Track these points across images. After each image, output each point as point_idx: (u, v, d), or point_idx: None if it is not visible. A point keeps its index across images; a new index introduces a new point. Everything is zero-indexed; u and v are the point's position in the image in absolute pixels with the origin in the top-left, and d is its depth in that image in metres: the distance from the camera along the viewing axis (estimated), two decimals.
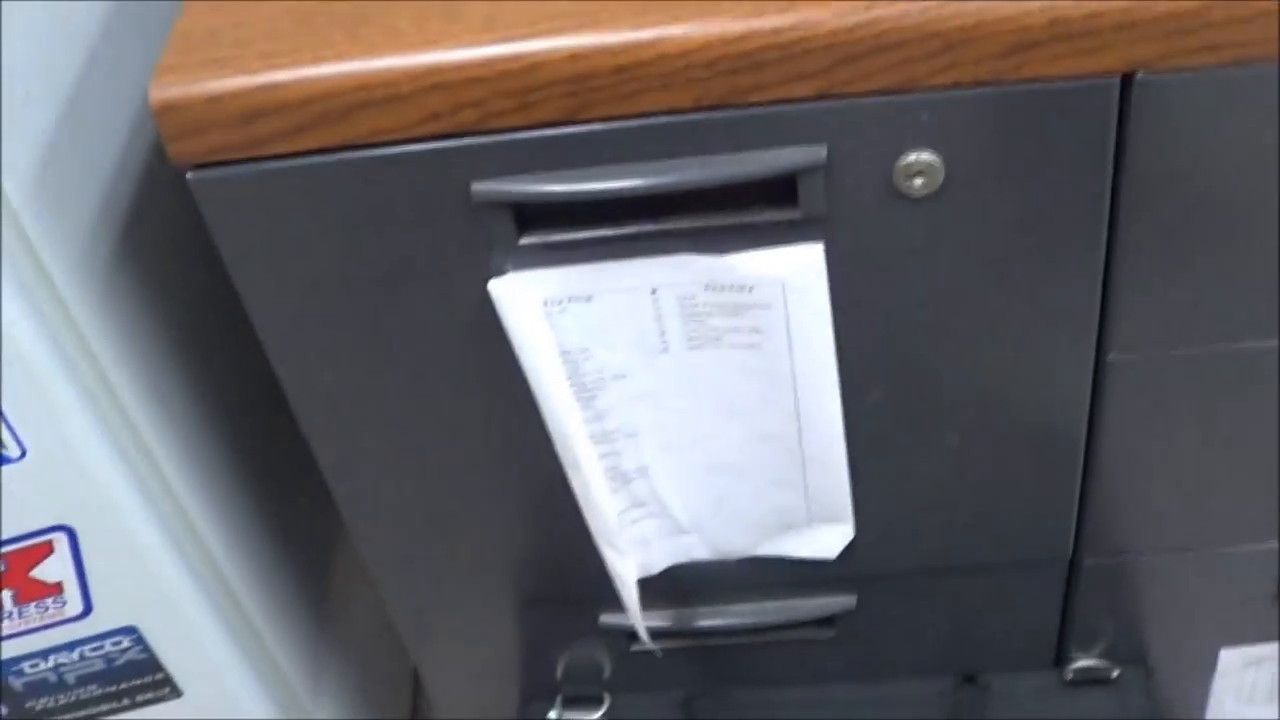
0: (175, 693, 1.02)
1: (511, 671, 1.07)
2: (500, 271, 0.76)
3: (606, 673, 1.06)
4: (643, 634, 0.92)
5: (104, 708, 1.02)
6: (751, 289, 0.77)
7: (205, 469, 0.98)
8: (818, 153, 0.70)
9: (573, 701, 1.06)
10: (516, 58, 0.67)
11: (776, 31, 0.66)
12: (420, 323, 0.79)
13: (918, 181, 0.71)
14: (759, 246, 0.75)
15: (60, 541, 0.91)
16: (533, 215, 0.74)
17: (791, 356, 0.80)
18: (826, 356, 0.79)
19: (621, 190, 0.72)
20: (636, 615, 0.91)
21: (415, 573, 0.98)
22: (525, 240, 0.74)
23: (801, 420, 0.84)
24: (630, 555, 0.89)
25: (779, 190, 0.72)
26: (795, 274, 0.75)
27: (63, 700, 1.02)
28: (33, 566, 0.93)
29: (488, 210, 0.73)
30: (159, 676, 1.01)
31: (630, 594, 0.89)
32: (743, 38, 0.66)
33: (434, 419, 0.85)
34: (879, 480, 0.90)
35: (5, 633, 0.96)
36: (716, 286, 0.77)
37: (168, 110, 0.68)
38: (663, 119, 0.70)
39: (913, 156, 0.70)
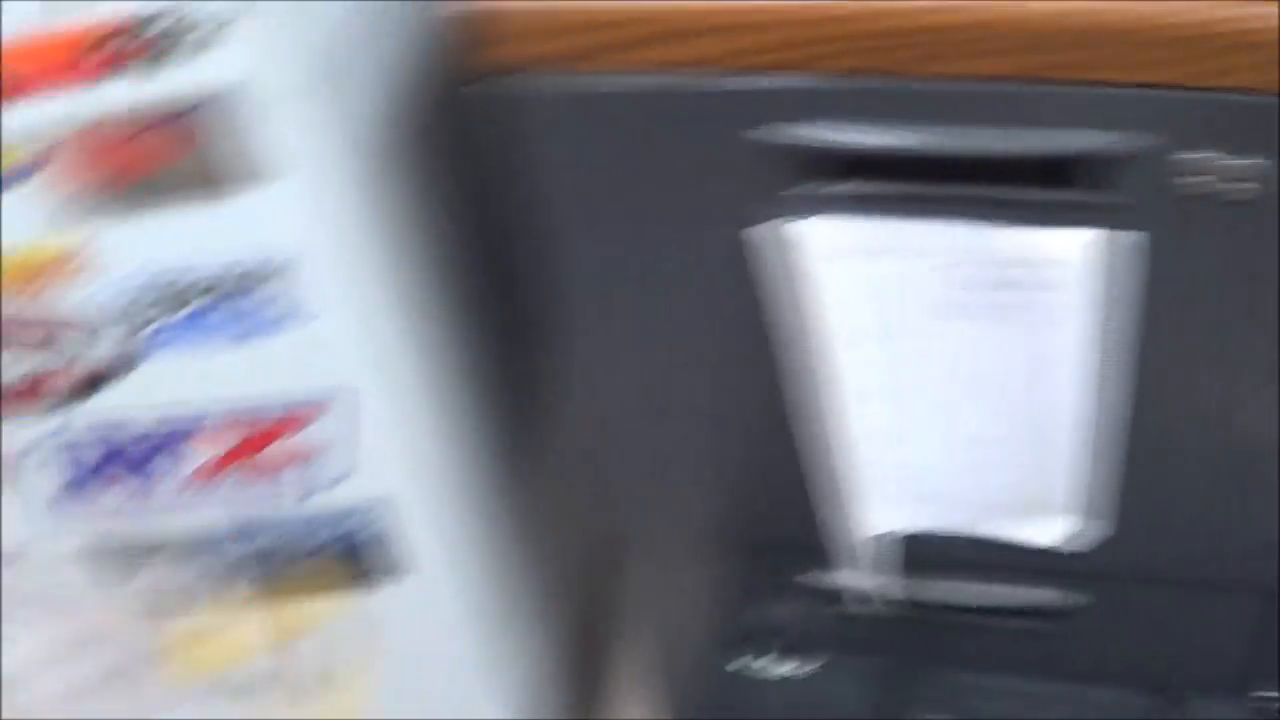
0: (409, 571, 1.04)
1: (716, 617, 1.07)
2: (795, 217, 0.76)
3: (810, 630, 1.06)
4: (868, 594, 0.92)
5: (340, 575, 1.05)
6: (1037, 267, 0.77)
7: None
8: (1140, 140, 0.69)
9: (774, 654, 1.06)
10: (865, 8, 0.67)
11: (1140, 16, 0.65)
12: (700, 255, 0.80)
13: (1242, 186, 0.69)
14: (1053, 226, 0.74)
15: (335, 405, 0.93)
16: (835, 165, 0.74)
17: (1060, 341, 0.79)
18: (1094, 346, 0.78)
19: (933, 151, 0.72)
20: (866, 574, 0.91)
21: (634, 507, 0.99)
22: (826, 189, 0.74)
23: (1056, 406, 0.83)
24: (876, 513, 0.88)
25: (1083, 172, 0.71)
26: (1085, 259, 0.74)
27: (303, 565, 1.04)
28: (304, 427, 0.95)
29: (794, 154, 0.73)
30: (398, 553, 1.03)
31: (867, 552, 0.89)
32: (1095, 14, 0.65)
33: (692, 353, 0.85)
34: (1126, 480, 0.88)
35: (263, 492, 0.99)
36: (1003, 260, 0.77)
37: (487, 14, 0.69)
38: (982, 85, 0.69)
39: (1244, 160, 0.69)
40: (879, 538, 0.94)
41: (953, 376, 0.84)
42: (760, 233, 0.76)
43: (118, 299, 0.89)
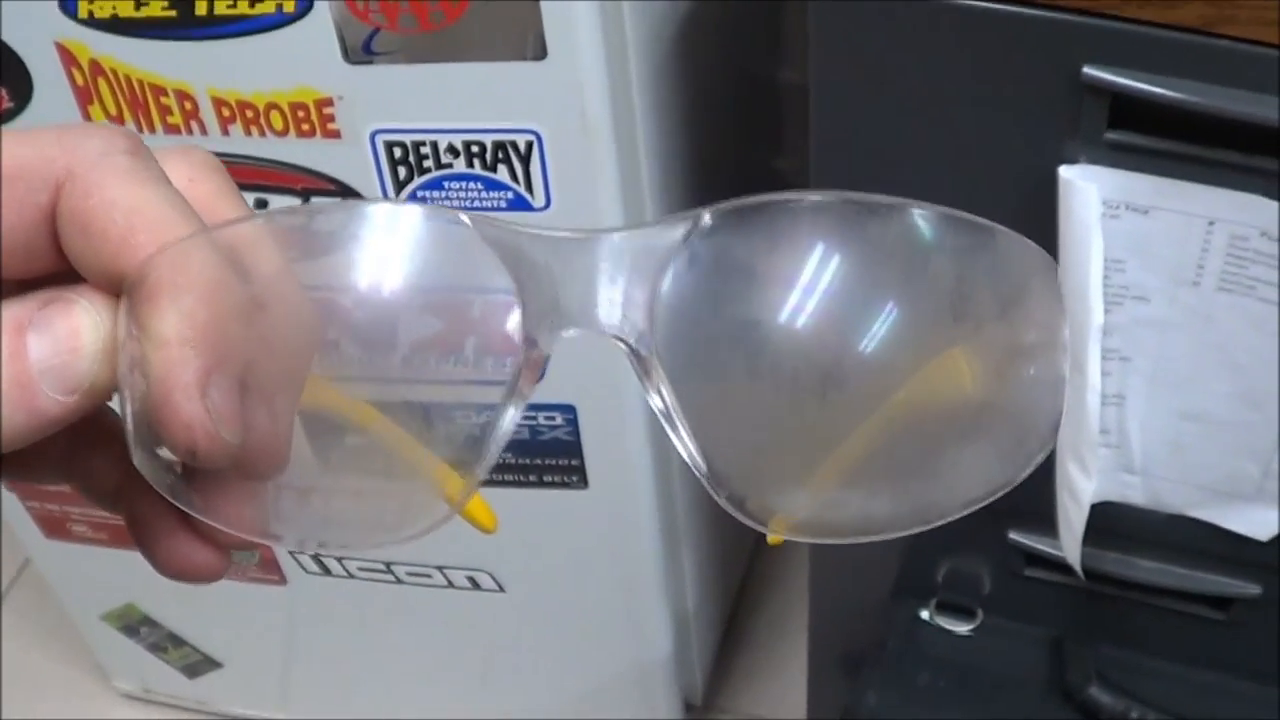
0: (583, 482, 1.05)
1: (893, 566, 1.08)
2: (1073, 160, 0.76)
3: (986, 589, 1.06)
4: (1075, 562, 0.92)
5: (510, 477, 1.06)
6: None
7: None
8: None
9: (946, 608, 1.06)
10: None
11: None
12: (974, 186, 0.80)
13: None
14: None
15: None
16: (1127, 114, 0.74)
17: None
18: None
19: (1231, 112, 0.71)
20: (1074, 539, 0.90)
21: None
22: (1111, 135, 0.74)
23: None
24: (1095, 476, 0.88)
25: None
26: None
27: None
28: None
29: (1088, 95, 0.73)
30: (574, 462, 1.04)
31: (1080, 516, 0.88)
32: None
33: None
34: None
35: (454, 378, 1.01)
36: (1273, 236, 0.76)
37: None
38: None
39: None
40: (1085, 505, 0.94)
41: (1193, 349, 0.84)
42: (1059, 174, 0.76)
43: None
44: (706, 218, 0.35)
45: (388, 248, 0.34)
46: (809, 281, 0.34)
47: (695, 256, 0.35)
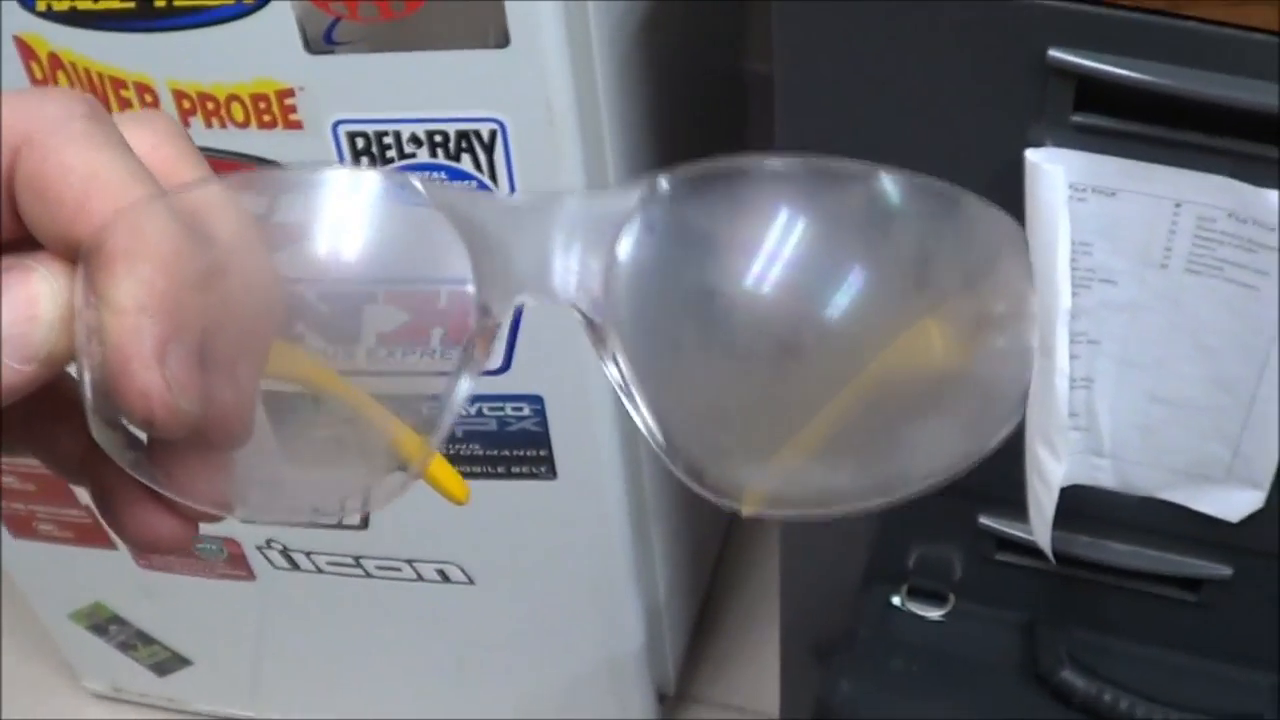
0: (551, 473, 1.05)
1: (865, 553, 1.07)
2: (1039, 143, 0.76)
3: (957, 574, 1.06)
4: (1045, 546, 0.92)
5: (478, 468, 1.06)
6: (1274, 229, 0.76)
7: None
8: None
9: (917, 594, 1.06)
10: None
11: None
12: (940, 171, 0.79)
13: None
14: None
15: None
16: (1093, 96, 0.74)
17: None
18: None
19: (1197, 93, 0.71)
20: (1045, 523, 0.90)
21: None
22: (1077, 118, 0.74)
23: (1264, 375, 0.82)
24: (1064, 459, 0.88)
25: None
26: None
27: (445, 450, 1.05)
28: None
29: (1053, 78, 0.73)
30: (543, 453, 1.04)
31: (1050, 499, 0.88)
32: None
33: None
34: None
35: (422, 369, 1.00)
36: (1241, 217, 0.76)
37: None
38: (1262, 36, 0.69)
39: None
40: (1054, 489, 0.93)
41: (1162, 332, 0.84)
42: (1025, 157, 0.76)
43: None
44: (664, 183, 0.34)
45: (344, 215, 0.34)
46: (769, 249, 0.34)
47: (652, 223, 0.34)
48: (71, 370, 0.33)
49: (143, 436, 0.34)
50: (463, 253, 0.34)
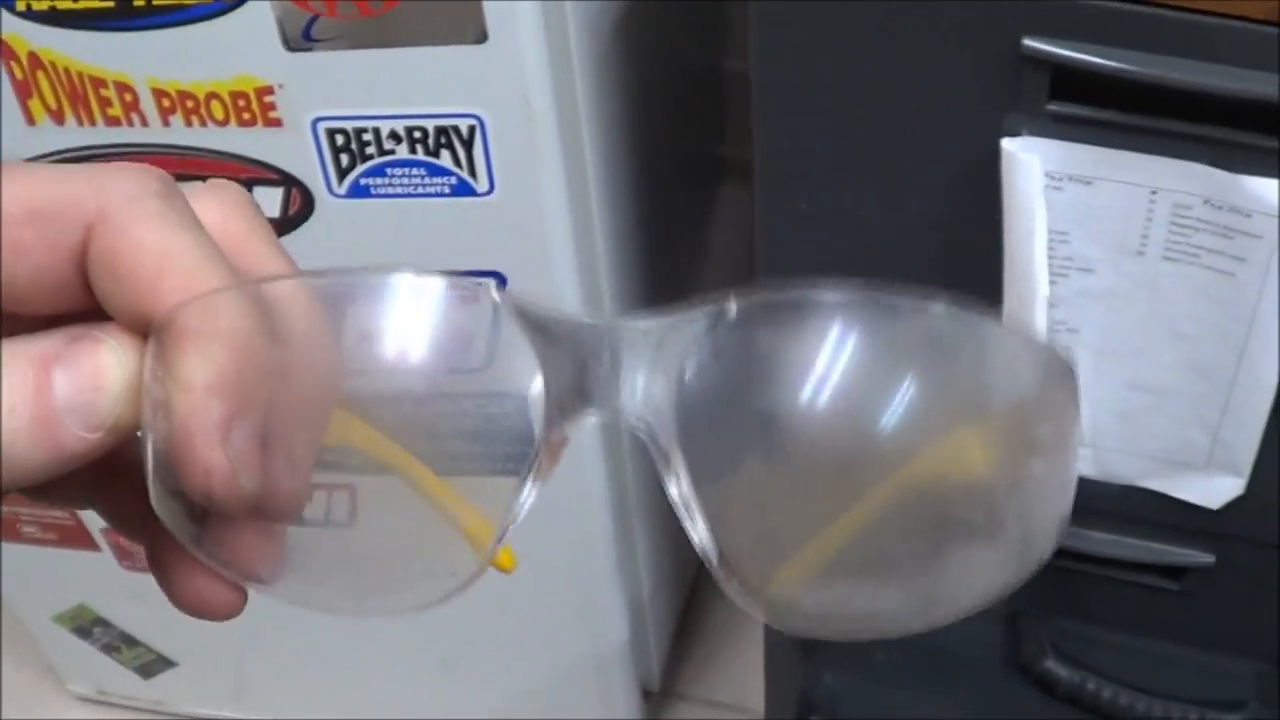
0: None
1: None
2: (1015, 133, 0.76)
3: None
4: None
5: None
6: (1250, 215, 0.76)
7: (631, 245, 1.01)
8: None
9: None
10: None
11: None
12: (914, 162, 0.80)
13: None
14: (1273, 176, 0.74)
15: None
16: (1068, 85, 0.74)
17: (1261, 295, 0.79)
18: None
19: (1172, 81, 0.71)
20: None
21: None
22: (1053, 106, 0.74)
23: (1243, 362, 0.83)
24: None
25: None
26: None
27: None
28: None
29: (1028, 67, 0.73)
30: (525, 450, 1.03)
31: None
32: None
33: (894, 264, 0.86)
34: (1266, 440, 0.88)
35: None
36: (1217, 204, 0.76)
37: None
38: (1235, 23, 0.69)
39: None
40: None
41: (1140, 319, 0.84)
42: (1001, 146, 0.76)
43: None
44: (732, 310, 0.35)
45: (418, 317, 0.35)
46: (828, 378, 0.35)
47: (719, 349, 0.35)
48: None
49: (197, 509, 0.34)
50: (535, 367, 0.35)
